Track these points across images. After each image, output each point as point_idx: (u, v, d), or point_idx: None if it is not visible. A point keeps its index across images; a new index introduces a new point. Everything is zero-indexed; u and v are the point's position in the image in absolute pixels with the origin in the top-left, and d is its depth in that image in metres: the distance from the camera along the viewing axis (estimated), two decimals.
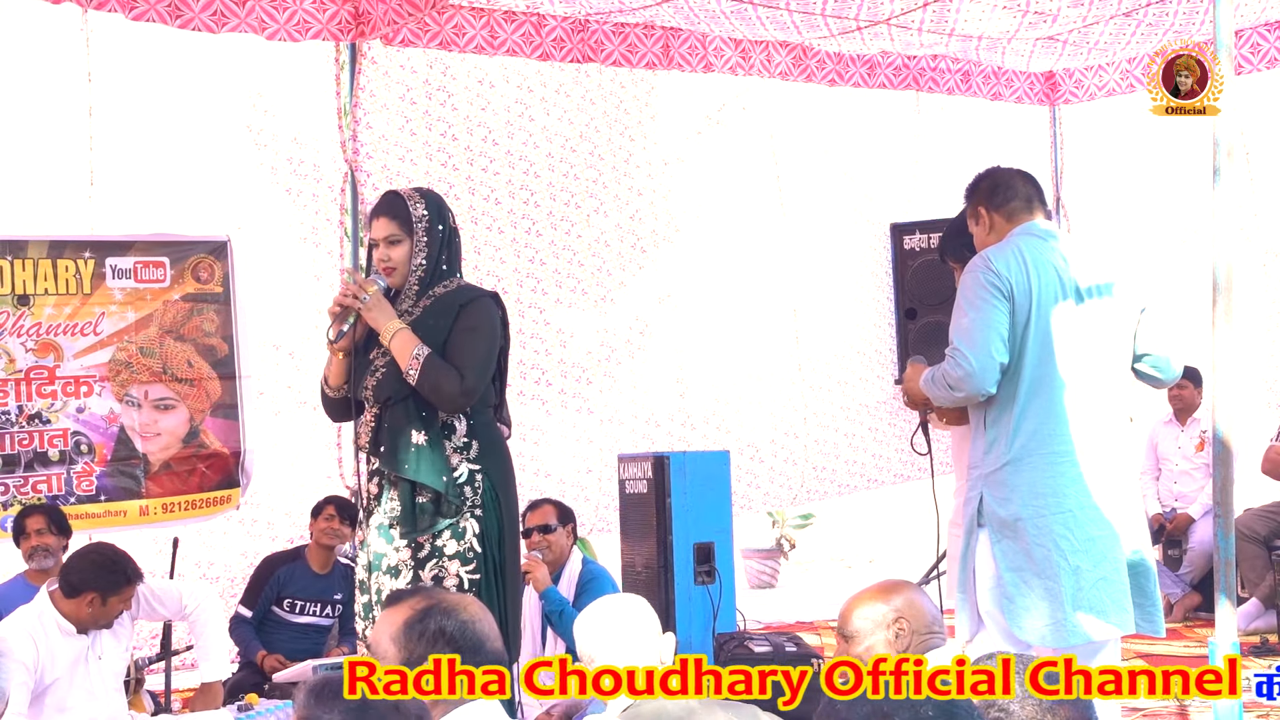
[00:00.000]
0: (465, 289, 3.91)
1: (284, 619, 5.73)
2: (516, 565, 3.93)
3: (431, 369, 3.72)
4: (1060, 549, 3.68)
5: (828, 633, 7.07)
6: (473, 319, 3.80)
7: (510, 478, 3.91)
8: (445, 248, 3.88)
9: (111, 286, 5.70)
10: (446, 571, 3.73)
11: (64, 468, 5.61)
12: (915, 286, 7.52)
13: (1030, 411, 3.72)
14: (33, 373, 5.55)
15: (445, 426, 3.80)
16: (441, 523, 3.74)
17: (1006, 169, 4.01)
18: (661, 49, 6.83)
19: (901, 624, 3.06)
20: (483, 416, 3.87)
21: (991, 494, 3.76)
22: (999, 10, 6.31)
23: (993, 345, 3.68)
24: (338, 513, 5.74)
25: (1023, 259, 3.75)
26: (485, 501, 3.78)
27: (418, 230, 3.83)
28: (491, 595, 3.73)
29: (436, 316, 3.80)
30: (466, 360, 3.76)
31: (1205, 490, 6.94)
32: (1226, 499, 3.53)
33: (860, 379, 7.70)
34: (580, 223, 6.93)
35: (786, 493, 7.62)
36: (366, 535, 3.87)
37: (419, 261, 3.84)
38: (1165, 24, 6.61)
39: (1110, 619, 3.69)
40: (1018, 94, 7.88)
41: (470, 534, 3.75)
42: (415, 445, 3.75)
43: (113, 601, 4.41)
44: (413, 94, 6.44)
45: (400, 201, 3.87)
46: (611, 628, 3.11)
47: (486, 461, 3.82)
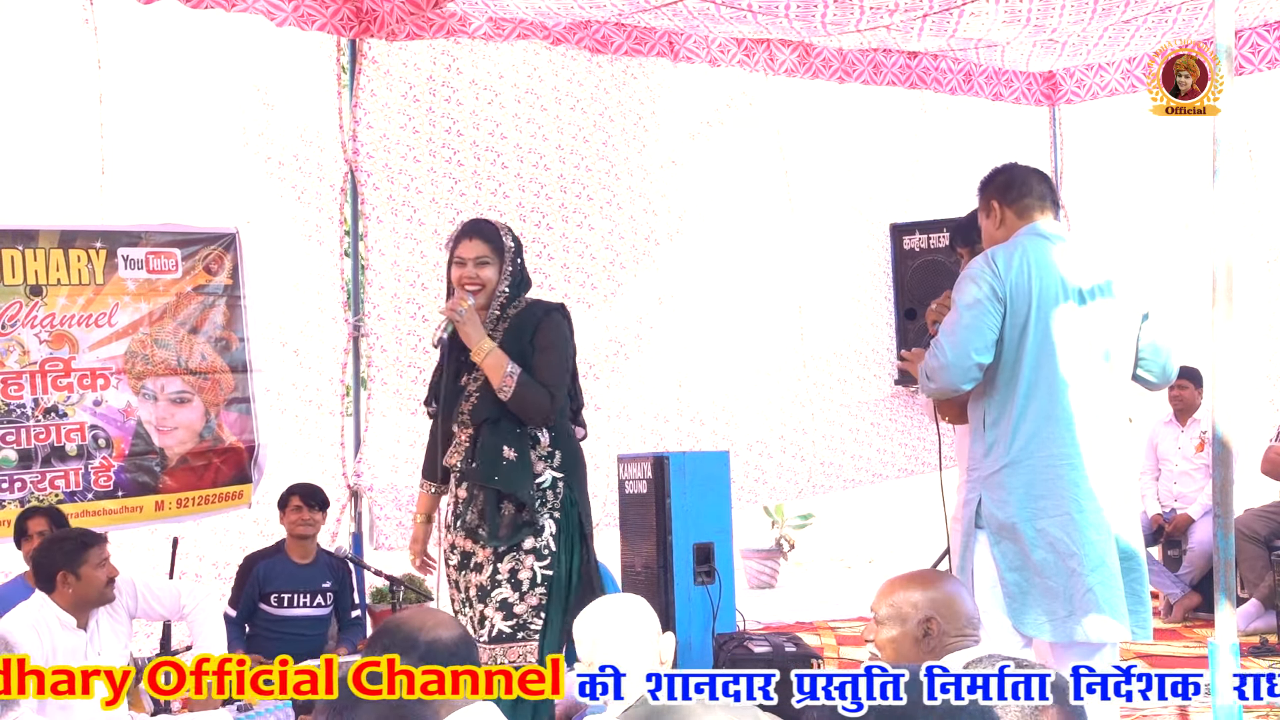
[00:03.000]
0: (534, 306, 4.19)
1: (273, 615, 5.70)
2: (591, 563, 4.14)
3: (523, 387, 4.02)
4: (1058, 552, 3.69)
5: (827, 633, 7.08)
6: (548, 336, 4.11)
7: (586, 483, 4.20)
8: (521, 268, 4.21)
9: (124, 277, 5.62)
10: (522, 565, 4.01)
11: (81, 462, 5.51)
12: (915, 287, 7.52)
13: (1030, 414, 3.73)
14: (48, 365, 5.44)
15: (531, 438, 4.09)
16: (524, 530, 4.02)
17: (1023, 166, 4.02)
18: (666, 44, 6.82)
19: (932, 623, 2.96)
20: (563, 426, 4.17)
21: (990, 496, 3.77)
22: (1000, 25, 6.32)
23: (973, 345, 3.71)
24: (304, 501, 5.71)
25: (1026, 260, 3.75)
26: (564, 504, 4.08)
27: (506, 257, 4.15)
28: (562, 591, 4.03)
29: (515, 338, 4.09)
30: (549, 377, 4.07)
31: (1205, 490, 6.94)
32: (1226, 499, 3.52)
33: (859, 378, 7.70)
34: (593, 214, 6.90)
35: (792, 487, 7.61)
36: (455, 538, 4.15)
37: (503, 288, 4.14)
38: (1166, 25, 6.61)
39: (1108, 623, 3.70)
40: (1017, 94, 7.88)
41: (547, 533, 4.04)
42: (507, 460, 4.04)
43: (85, 571, 4.39)
44: (415, 91, 6.42)
45: (491, 228, 4.23)
46: (611, 627, 3.11)
47: (567, 469, 4.12)
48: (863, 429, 7.72)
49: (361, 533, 6.40)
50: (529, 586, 4.00)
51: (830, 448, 7.61)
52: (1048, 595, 3.69)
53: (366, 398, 6.43)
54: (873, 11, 6.07)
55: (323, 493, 5.82)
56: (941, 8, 6.07)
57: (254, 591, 5.68)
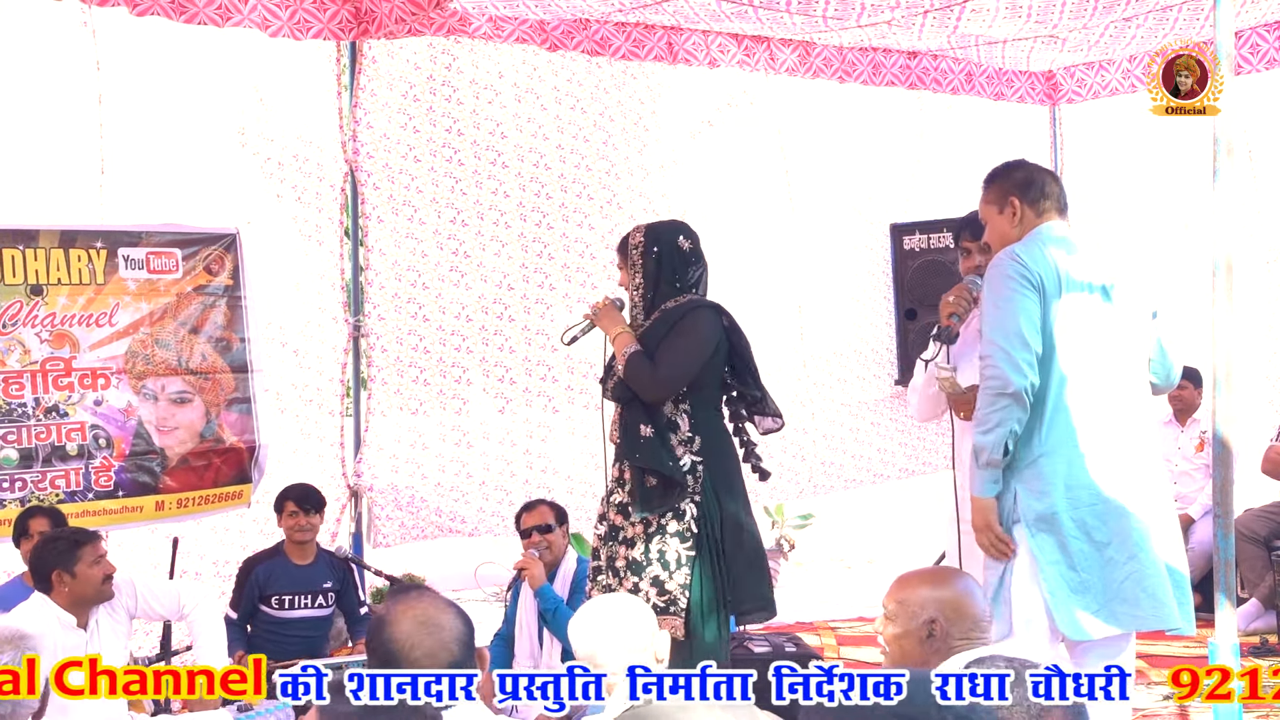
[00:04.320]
0: (689, 303, 4.41)
1: (275, 617, 5.69)
2: (737, 547, 4.32)
3: (632, 362, 4.29)
4: (1095, 541, 3.68)
5: (827, 633, 7.08)
6: (684, 326, 4.32)
7: (732, 469, 4.38)
8: (664, 268, 4.41)
9: (125, 277, 5.63)
10: (668, 546, 4.24)
11: (82, 462, 5.53)
12: (915, 287, 7.53)
13: (1063, 404, 3.72)
14: (48, 364, 5.46)
15: (670, 423, 4.31)
16: (669, 504, 4.23)
17: (1037, 165, 4.01)
18: (665, 46, 6.82)
19: (936, 625, 2.92)
20: (705, 414, 4.35)
21: (1026, 487, 3.73)
22: (1001, 20, 6.32)
23: (1030, 335, 3.67)
24: (299, 506, 5.69)
25: (1048, 255, 3.76)
26: (705, 489, 4.28)
27: (633, 256, 4.44)
28: (707, 572, 4.23)
29: (659, 326, 4.35)
30: (664, 356, 4.27)
31: (1205, 491, 6.94)
32: (1226, 499, 3.53)
33: (859, 378, 7.70)
34: (594, 214, 6.90)
35: (793, 487, 7.60)
36: (607, 510, 4.43)
37: (637, 282, 4.43)
38: (1167, 25, 6.61)
39: (1142, 611, 3.70)
40: (1019, 93, 7.87)
41: (689, 516, 4.25)
42: (643, 437, 4.28)
43: (80, 569, 4.40)
44: (416, 90, 6.43)
45: (625, 237, 4.54)
46: (606, 626, 3.12)
47: (708, 455, 4.31)
48: (863, 429, 7.72)
49: (361, 532, 6.41)
50: (676, 566, 4.22)
51: (831, 447, 7.61)
52: (1081, 590, 3.67)
53: (367, 397, 6.43)
54: (873, 7, 6.07)
55: (318, 494, 5.81)
56: (943, 4, 6.07)
57: (254, 594, 5.67)
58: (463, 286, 6.58)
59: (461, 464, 6.64)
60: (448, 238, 6.54)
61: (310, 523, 5.71)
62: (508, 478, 6.74)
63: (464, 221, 6.57)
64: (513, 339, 6.70)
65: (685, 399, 4.33)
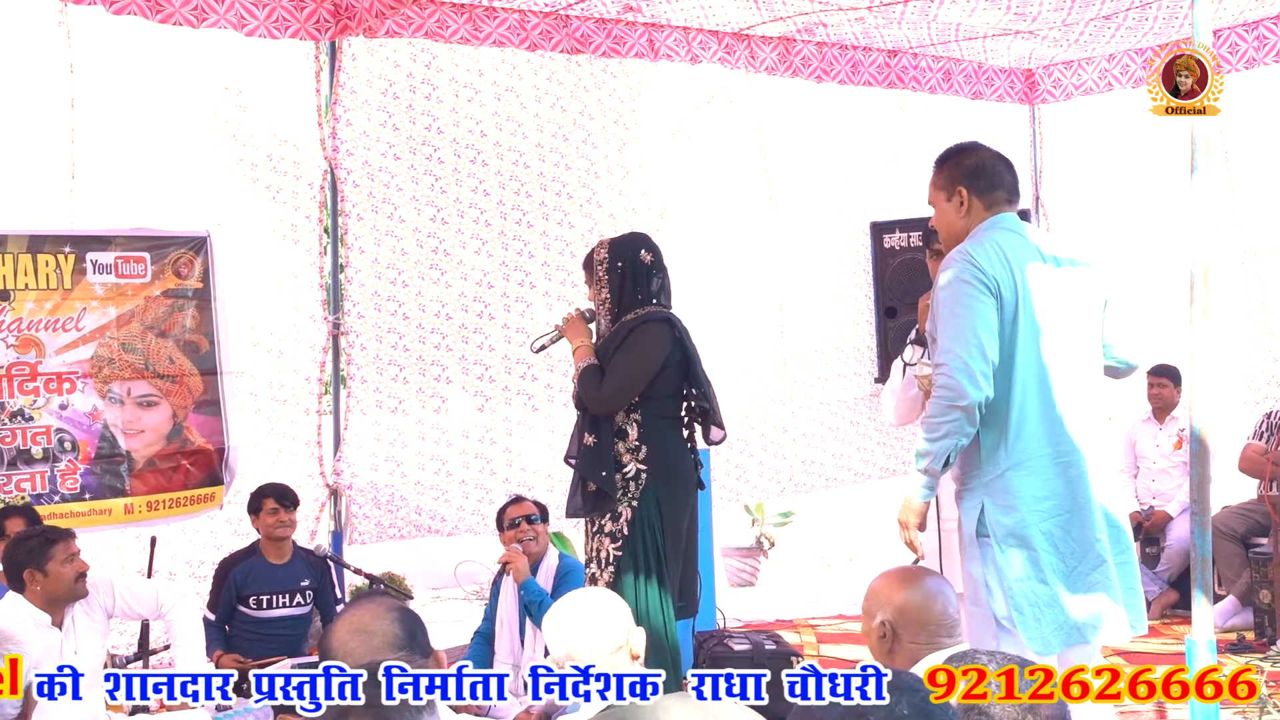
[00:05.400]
0: (642, 316, 4.54)
1: (253, 617, 5.66)
2: (675, 551, 4.51)
3: (584, 376, 4.48)
4: (1061, 552, 3.62)
5: (808, 631, 7.08)
6: (632, 340, 4.47)
7: (674, 477, 4.51)
8: (627, 281, 4.56)
9: (92, 281, 5.63)
10: (602, 545, 4.47)
11: (48, 465, 5.53)
12: (895, 285, 7.54)
13: (1027, 413, 3.62)
14: (14, 369, 5.46)
15: (619, 431, 4.49)
16: (599, 512, 4.45)
17: (990, 151, 3.84)
18: (646, 43, 6.81)
19: (884, 628, 2.91)
20: (655, 424, 4.50)
21: (994, 502, 3.64)
22: (981, 8, 6.32)
23: (988, 343, 3.56)
24: (279, 503, 5.67)
25: (1004, 255, 3.64)
26: (645, 495, 4.45)
27: (598, 273, 4.60)
28: (636, 573, 4.41)
29: (613, 339, 4.52)
30: (610, 373, 4.44)
31: (1183, 488, 6.96)
32: (1204, 497, 3.52)
33: (840, 375, 7.70)
34: (574, 212, 6.89)
35: (774, 486, 7.61)
36: None
37: (604, 296, 4.59)
38: (1146, 23, 6.63)
39: (1108, 621, 3.65)
40: (998, 92, 7.89)
41: (624, 519, 4.44)
42: (586, 445, 4.49)
43: (52, 567, 4.39)
44: (395, 88, 6.41)
45: (590, 253, 4.67)
46: (581, 621, 3.11)
47: (653, 462, 4.47)
48: (843, 427, 7.73)
49: (341, 531, 6.39)
50: (604, 565, 4.44)
51: (811, 446, 7.61)
52: (1051, 604, 3.60)
53: (346, 395, 6.41)
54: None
55: (293, 492, 5.80)
56: None
57: (231, 595, 5.64)
58: (442, 284, 6.56)
59: (441, 462, 6.62)
60: (428, 235, 6.53)
61: (290, 519, 5.70)
62: (487, 476, 6.73)
63: (444, 219, 6.56)
64: (492, 337, 6.69)
65: (637, 408, 4.49)
